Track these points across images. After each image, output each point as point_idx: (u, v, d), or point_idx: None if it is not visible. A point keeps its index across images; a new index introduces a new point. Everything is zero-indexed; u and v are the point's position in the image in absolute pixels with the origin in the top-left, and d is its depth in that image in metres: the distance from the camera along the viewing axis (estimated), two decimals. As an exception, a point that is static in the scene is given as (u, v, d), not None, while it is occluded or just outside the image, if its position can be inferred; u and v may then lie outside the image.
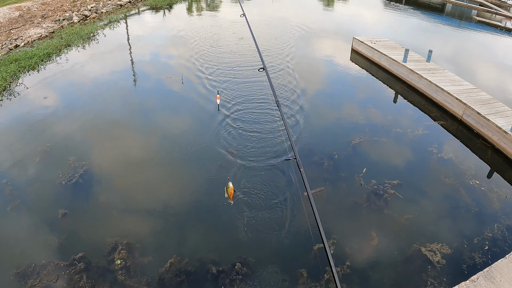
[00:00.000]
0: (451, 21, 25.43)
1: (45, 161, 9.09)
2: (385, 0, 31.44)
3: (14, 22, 21.17)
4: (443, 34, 21.78)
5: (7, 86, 13.50)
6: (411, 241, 6.92)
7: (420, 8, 28.16)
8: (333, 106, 11.70)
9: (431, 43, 18.41)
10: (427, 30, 22.41)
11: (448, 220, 7.52)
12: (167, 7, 26.50)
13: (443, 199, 8.08)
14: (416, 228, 7.21)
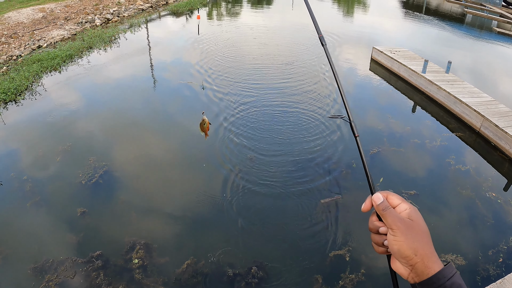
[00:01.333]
0: (471, 32, 25.28)
1: (66, 160, 9.26)
2: (405, 9, 31.35)
3: (37, 23, 21.57)
4: (463, 45, 21.68)
5: (29, 86, 13.76)
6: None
7: (440, 17, 28.02)
8: (352, 115, 11.72)
9: (450, 54, 18.33)
10: (446, 40, 22.33)
11: (464, 231, 7.51)
12: (188, 12, 26.74)
13: (459, 211, 8.06)
14: (432, 238, 7.19)
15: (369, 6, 33.22)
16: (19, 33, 19.96)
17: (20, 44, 18.79)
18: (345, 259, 6.63)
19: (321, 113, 11.64)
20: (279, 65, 16.07)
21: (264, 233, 7.20)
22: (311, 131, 10.65)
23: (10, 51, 17.87)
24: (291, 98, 12.75)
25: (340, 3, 33.92)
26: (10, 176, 8.82)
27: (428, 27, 25.28)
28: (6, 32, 19.69)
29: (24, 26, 20.85)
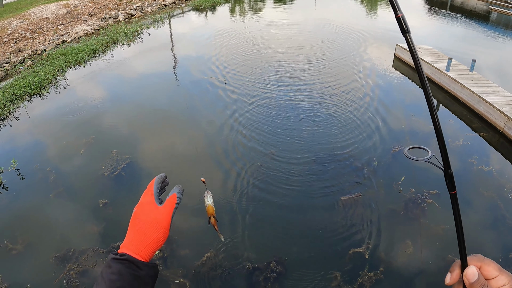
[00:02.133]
0: (496, 30, 24.83)
1: (89, 153, 9.42)
2: (429, 6, 30.97)
3: (61, 18, 21.87)
4: (487, 43, 21.31)
5: (53, 79, 13.99)
6: (446, 252, 6.83)
7: (465, 15, 27.59)
8: (375, 113, 11.63)
9: (475, 52, 18.05)
10: (471, 38, 21.98)
11: (485, 233, 7.39)
12: (211, 8, 26.82)
13: (480, 212, 7.94)
14: (452, 239, 7.10)
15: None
16: (44, 28, 20.27)
17: (45, 39, 19.09)
18: (364, 257, 6.61)
19: (347, 108, 11.61)
20: (306, 63, 16.02)
21: (283, 229, 7.22)
22: (335, 128, 10.64)
23: (35, 46, 18.17)
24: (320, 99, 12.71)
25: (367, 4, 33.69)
26: (34, 167, 9.02)
27: (453, 24, 24.93)
28: (31, 27, 20.02)
29: (49, 22, 21.17)
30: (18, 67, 15.83)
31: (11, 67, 15.98)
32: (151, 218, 1.19)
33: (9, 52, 17.25)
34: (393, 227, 7.34)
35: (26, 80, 13.50)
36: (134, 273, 1.08)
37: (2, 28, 19.64)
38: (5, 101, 12.25)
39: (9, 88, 13.14)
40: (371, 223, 7.38)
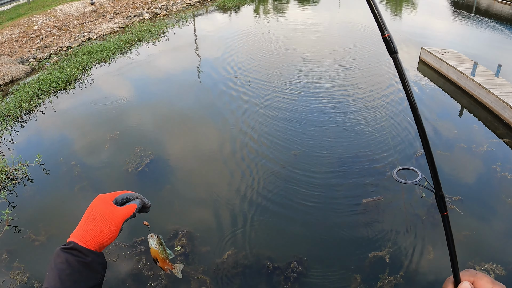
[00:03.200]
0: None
1: (114, 148, 9.58)
2: (455, 9, 30.62)
3: (87, 16, 22.18)
4: (514, 48, 21.04)
5: (79, 76, 14.22)
6: (467, 259, 6.75)
7: (491, 18, 27.19)
8: (399, 117, 11.54)
9: (501, 57, 17.80)
10: (496, 42, 21.64)
11: (507, 241, 7.29)
12: (235, 8, 26.91)
13: (503, 220, 7.82)
14: (473, 245, 7.04)
15: (417, 5, 32.60)
16: (70, 25, 20.59)
17: (71, 36, 19.39)
18: (384, 260, 6.58)
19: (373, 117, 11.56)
20: (335, 68, 15.99)
21: (305, 229, 7.23)
22: (358, 133, 10.61)
23: (61, 43, 18.47)
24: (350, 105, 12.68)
25: (388, 1, 33.43)
26: (59, 161, 9.21)
27: (478, 28, 24.60)
28: (57, 24, 20.35)
29: (75, 19, 21.49)
30: (44, 62, 16.12)
31: (37, 62, 16.28)
32: (104, 212, 1.23)
33: (35, 48, 17.56)
34: (415, 232, 7.27)
35: (52, 76, 13.74)
36: (81, 260, 1.13)
37: (29, 25, 20.01)
38: (31, 96, 12.50)
39: (35, 83, 13.39)
40: (393, 227, 7.33)
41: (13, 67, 15.28)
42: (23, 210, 7.82)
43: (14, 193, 8.29)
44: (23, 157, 9.18)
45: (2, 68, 15.04)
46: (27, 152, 9.63)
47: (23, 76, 14.96)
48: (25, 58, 16.53)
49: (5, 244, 6.99)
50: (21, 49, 17.46)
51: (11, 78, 14.65)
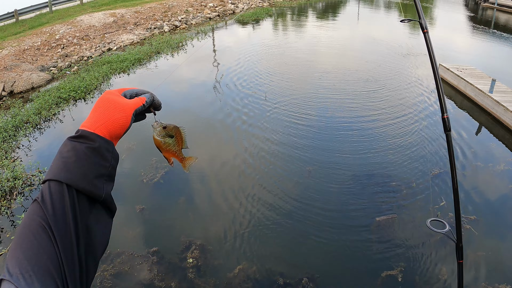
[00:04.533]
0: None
1: (130, 159, 9.67)
2: (473, 24, 30.40)
3: (108, 27, 22.53)
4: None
5: (98, 85, 14.40)
6: (480, 279, 6.62)
7: (510, 34, 26.96)
8: (415, 134, 11.45)
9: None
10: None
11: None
12: (254, 22, 27.10)
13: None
14: (488, 266, 6.90)
15: (435, 20, 32.48)
16: (91, 35, 20.92)
17: (91, 46, 19.69)
18: (397, 280, 6.48)
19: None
20: (349, 80, 15.97)
21: (317, 246, 7.17)
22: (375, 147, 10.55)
23: (81, 52, 18.77)
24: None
25: (407, 16, 33.35)
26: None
27: (497, 43, 24.36)
28: (78, 34, 20.70)
29: (96, 30, 21.84)
30: (65, 71, 16.41)
31: (58, 71, 16.58)
32: (113, 100, 1.16)
33: (56, 57, 17.88)
34: (428, 252, 7.16)
35: (72, 85, 13.97)
36: (89, 145, 1.04)
37: (51, 34, 20.38)
38: (50, 103, 12.69)
39: (55, 91, 13.62)
40: (406, 246, 7.23)
41: (34, 74, 15.56)
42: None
43: (30, 199, 8.38)
44: (41, 163, 9.29)
45: (23, 75, 15.32)
46: (44, 159, 9.76)
47: (43, 84, 15.24)
48: (46, 66, 16.83)
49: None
50: (43, 57, 17.79)
51: (31, 86, 14.93)
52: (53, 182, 0.97)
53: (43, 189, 0.97)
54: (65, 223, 0.93)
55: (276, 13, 31.77)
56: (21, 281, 0.82)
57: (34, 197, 5.61)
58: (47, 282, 0.84)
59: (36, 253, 0.86)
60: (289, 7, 35.38)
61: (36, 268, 0.84)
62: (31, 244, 0.88)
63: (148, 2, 28.55)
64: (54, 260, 0.87)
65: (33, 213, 0.93)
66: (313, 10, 35.55)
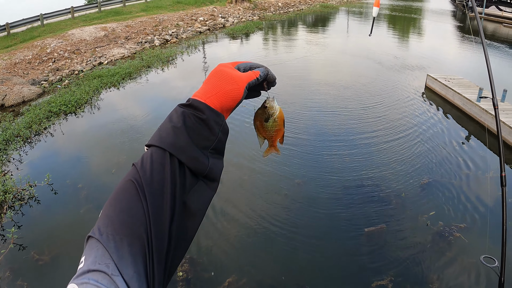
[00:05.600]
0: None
1: (120, 173, 9.64)
2: (461, 34, 30.74)
3: (99, 41, 22.59)
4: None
5: (89, 100, 14.42)
6: (476, 287, 6.68)
7: (497, 43, 27.24)
8: (404, 144, 11.54)
9: (507, 81, 17.83)
10: (503, 67, 21.71)
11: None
12: (244, 36, 27.27)
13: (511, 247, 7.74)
14: (478, 274, 6.95)
15: (424, 31, 32.82)
16: (82, 49, 20.97)
17: (82, 60, 19.75)
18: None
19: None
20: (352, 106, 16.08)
21: (307, 258, 7.18)
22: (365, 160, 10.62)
23: (72, 66, 18.82)
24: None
25: (396, 28, 33.69)
26: (66, 183, 9.30)
27: (471, 50, 24.65)
28: (70, 48, 20.74)
29: (87, 43, 21.89)
30: (56, 85, 16.43)
31: (49, 85, 16.60)
32: (226, 72, 1.10)
33: (47, 71, 17.91)
34: (419, 260, 7.19)
35: (63, 99, 13.98)
36: (197, 115, 0.99)
37: (42, 47, 20.40)
38: (41, 118, 12.71)
39: (45, 105, 13.62)
40: (396, 255, 7.26)
41: (25, 88, 15.56)
42: (28, 230, 7.89)
43: (20, 213, 8.36)
44: (31, 177, 9.28)
45: (14, 88, 15.32)
46: (34, 173, 9.76)
47: (34, 98, 15.24)
48: (37, 80, 16.85)
49: (9, 262, 7.04)
50: (34, 71, 17.80)
51: (23, 99, 14.93)
52: (156, 148, 0.94)
53: (145, 155, 0.94)
54: (162, 194, 0.89)
55: (266, 26, 32.00)
56: (110, 242, 0.80)
57: (24, 211, 5.60)
58: (136, 249, 0.81)
59: (129, 217, 0.84)
60: (279, 20, 35.69)
61: (129, 232, 0.82)
62: (125, 207, 0.85)
63: (139, 16, 28.67)
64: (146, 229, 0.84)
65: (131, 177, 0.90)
66: (302, 23, 35.88)
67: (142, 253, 0.81)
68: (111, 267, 0.76)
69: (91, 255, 0.79)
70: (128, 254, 0.79)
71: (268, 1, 43.05)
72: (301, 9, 44.53)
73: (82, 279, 0.75)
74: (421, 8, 49.97)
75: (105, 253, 0.79)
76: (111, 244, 0.79)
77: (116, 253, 0.79)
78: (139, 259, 0.80)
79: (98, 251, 0.79)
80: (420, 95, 15.98)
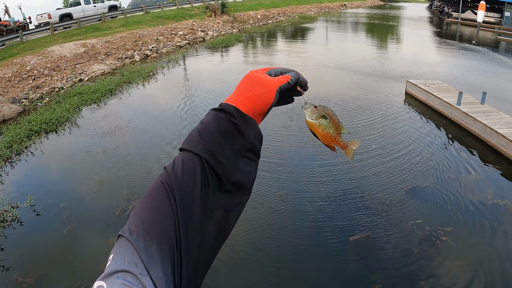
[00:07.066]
0: (506, 60, 24.91)
1: (102, 191, 9.54)
2: (439, 38, 31.17)
3: (79, 57, 22.46)
4: (498, 74, 21.34)
5: (69, 117, 14.27)
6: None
7: (474, 46, 27.68)
8: (385, 150, 11.60)
9: (485, 84, 18.09)
10: (481, 70, 22.05)
11: (502, 269, 7.21)
12: (224, 49, 27.35)
13: (496, 247, 7.77)
14: (467, 276, 6.97)
15: (402, 37, 33.22)
16: (62, 66, 20.82)
17: (62, 77, 19.60)
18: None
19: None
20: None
21: (292, 269, 7.13)
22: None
23: (53, 83, 18.66)
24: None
25: (374, 35, 34.05)
26: (48, 203, 9.14)
27: (462, 56, 25.04)
28: (50, 65, 20.57)
29: (67, 60, 21.74)
30: (36, 103, 16.25)
31: (29, 103, 16.41)
32: (257, 77, 1.10)
33: (27, 88, 17.72)
34: (406, 266, 7.18)
35: (43, 117, 13.83)
36: (229, 119, 0.99)
37: (22, 65, 20.21)
38: (22, 137, 12.52)
39: (26, 124, 13.45)
40: (383, 263, 7.26)
41: (5, 106, 15.37)
42: (11, 252, 7.70)
43: (3, 235, 8.19)
44: (13, 198, 9.12)
45: (-6, 108, 15.13)
46: (17, 193, 9.59)
47: (15, 116, 15.03)
48: (17, 98, 16.65)
49: (-8, 286, 6.89)
50: (14, 89, 17.60)
51: (3, 118, 14.72)
52: (187, 152, 0.95)
53: (176, 158, 0.95)
54: (192, 197, 0.89)
55: (246, 39, 32.15)
56: (140, 242, 0.81)
57: (6, 233, 5.47)
58: (165, 249, 0.82)
59: (159, 216, 0.85)
60: (258, 32, 35.91)
61: (158, 231, 0.83)
62: (155, 206, 0.86)
63: (118, 32, 28.58)
64: (175, 229, 0.84)
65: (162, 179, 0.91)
66: (282, 34, 36.14)
67: (171, 254, 0.82)
68: (139, 267, 0.78)
69: (120, 253, 0.81)
70: (157, 254, 0.80)
71: (247, 14, 43.38)
72: (280, 21, 45.00)
73: (111, 277, 0.77)
74: (399, 15, 50.69)
75: (134, 253, 0.80)
76: (140, 244, 0.81)
77: (146, 253, 0.80)
78: (168, 260, 0.81)
79: (127, 250, 0.81)
80: (400, 102, 16.14)
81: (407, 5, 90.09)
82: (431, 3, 75.72)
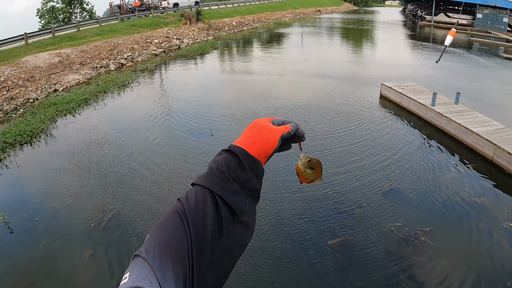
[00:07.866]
0: (478, 60, 25.35)
1: (77, 204, 9.36)
2: (413, 41, 31.61)
3: (53, 67, 22.17)
4: (471, 74, 21.72)
5: (44, 129, 14.05)
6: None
7: (447, 48, 28.15)
8: (361, 153, 11.66)
9: (459, 84, 18.38)
10: (454, 70, 22.43)
11: (480, 267, 7.26)
12: (199, 56, 27.32)
13: (475, 244, 7.84)
14: (446, 275, 7.00)
15: (377, 41, 33.58)
16: (36, 76, 20.51)
17: (37, 87, 19.30)
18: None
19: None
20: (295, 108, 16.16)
21: (271, 276, 7.08)
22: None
23: (27, 94, 18.36)
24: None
25: (349, 39, 34.34)
26: (22, 217, 8.95)
27: (436, 58, 25.38)
28: (24, 76, 20.25)
29: (41, 70, 21.44)
30: (10, 114, 15.96)
31: (3, 114, 16.10)
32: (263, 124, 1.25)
33: (1, 100, 17.39)
34: (386, 268, 7.20)
35: (18, 129, 13.58)
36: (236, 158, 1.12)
37: (-5, 77, 19.85)
38: (-4, 149, 12.28)
39: (0, 136, 13.17)
40: (363, 265, 7.26)
41: (-22, 120, 15.07)
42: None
43: (-17, 253, 8.00)
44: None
45: (-34, 121, 14.81)
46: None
47: (-12, 129, 14.74)
48: (-9, 110, 16.35)
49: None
50: (-13, 101, 17.27)
51: (-24, 131, 14.42)
52: (200, 187, 1.04)
53: (189, 191, 1.05)
54: (204, 225, 0.97)
55: (221, 46, 32.17)
56: (156, 261, 0.88)
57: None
58: (178, 270, 0.88)
59: (174, 240, 0.92)
60: (233, 39, 35.99)
61: (173, 252, 0.90)
62: (171, 231, 0.94)
63: (93, 41, 28.30)
64: (188, 253, 0.91)
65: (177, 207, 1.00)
66: (258, 40, 36.27)
67: (183, 275, 0.89)
68: (154, 284, 0.84)
69: (136, 271, 0.87)
70: (171, 273, 0.87)
71: (222, 21, 43.50)
72: (255, 27, 45.24)
73: None
74: (373, 20, 51.26)
75: (150, 271, 0.86)
76: (156, 263, 0.87)
77: (160, 271, 0.86)
78: (180, 279, 0.88)
79: (143, 268, 0.87)
80: (375, 105, 16.28)
81: (380, 9, 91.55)
82: (405, 7, 77.05)
